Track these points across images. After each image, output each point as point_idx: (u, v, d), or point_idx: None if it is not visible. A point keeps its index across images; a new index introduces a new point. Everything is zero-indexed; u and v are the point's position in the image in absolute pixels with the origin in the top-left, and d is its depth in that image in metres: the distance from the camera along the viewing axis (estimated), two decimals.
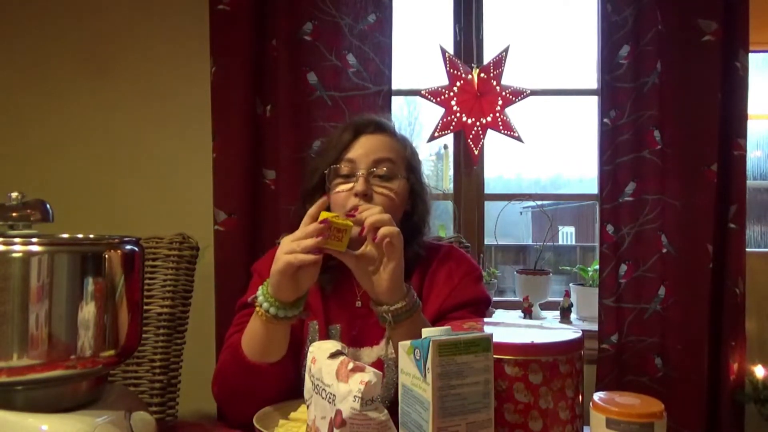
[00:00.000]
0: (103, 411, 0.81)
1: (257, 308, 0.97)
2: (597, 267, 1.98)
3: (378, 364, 1.13)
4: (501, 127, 1.98)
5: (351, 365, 0.70)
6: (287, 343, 1.02)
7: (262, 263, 1.27)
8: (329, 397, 0.71)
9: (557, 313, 2.12)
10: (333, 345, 0.77)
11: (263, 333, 0.99)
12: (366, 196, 1.08)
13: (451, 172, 2.17)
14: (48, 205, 0.88)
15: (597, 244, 1.98)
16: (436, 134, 1.99)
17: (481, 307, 1.19)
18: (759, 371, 1.84)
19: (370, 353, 1.15)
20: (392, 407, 0.74)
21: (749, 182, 1.90)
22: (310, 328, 1.21)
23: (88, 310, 0.80)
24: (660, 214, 1.87)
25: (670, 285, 1.86)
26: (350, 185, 1.10)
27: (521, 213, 2.54)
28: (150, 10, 1.98)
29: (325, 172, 1.13)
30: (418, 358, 0.69)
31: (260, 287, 0.99)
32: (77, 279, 0.79)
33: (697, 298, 1.83)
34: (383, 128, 1.18)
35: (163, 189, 1.99)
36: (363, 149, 1.13)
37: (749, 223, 2.01)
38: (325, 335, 1.16)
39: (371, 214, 0.96)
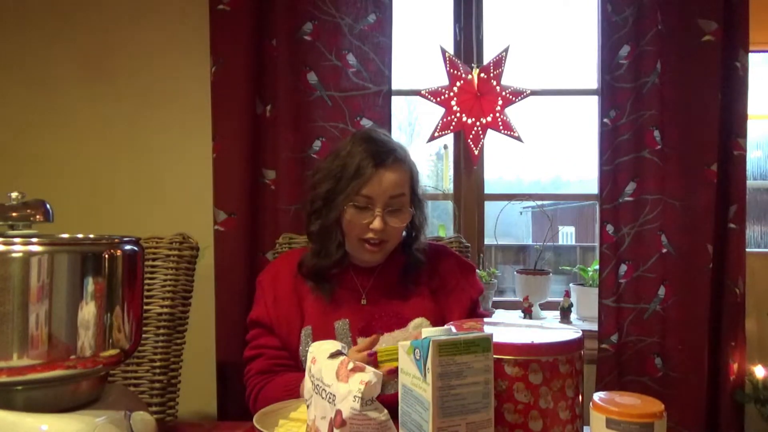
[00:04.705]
0: (103, 411, 0.81)
1: None
2: (597, 267, 1.98)
3: None
4: (501, 127, 1.98)
5: (351, 365, 0.70)
6: None
7: (266, 275, 1.30)
8: (329, 397, 0.71)
9: (557, 313, 2.12)
10: (333, 345, 0.77)
11: None
12: (381, 231, 1.18)
13: (451, 172, 2.17)
14: (48, 205, 0.88)
15: (597, 244, 1.98)
16: (436, 134, 1.99)
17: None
18: (759, 371, 1.84)
19: None
20: (392, 407, 0.74)
21: (749, 182, 1.90)
22: (303, 333, 1.22)
23: (88, 310, 0.80)
24: (660, 214, 1.87)
25: (670, 285, 1.86)
26: (366, 218, 1.19)
27: (521, 213, 2.54)
28: (150, 9, 1.98)
29: (344, 207, 1.18)
30: (418, 358, 0.69)
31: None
32: (77, 279, 0.79)
33: (697, 298, 1.83)
34: (400, 160, 1.21)
35: (163, 189, 1.98)
36: (381, 187, 1.18)
37: (749, 223, 2.01)
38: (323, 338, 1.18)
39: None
